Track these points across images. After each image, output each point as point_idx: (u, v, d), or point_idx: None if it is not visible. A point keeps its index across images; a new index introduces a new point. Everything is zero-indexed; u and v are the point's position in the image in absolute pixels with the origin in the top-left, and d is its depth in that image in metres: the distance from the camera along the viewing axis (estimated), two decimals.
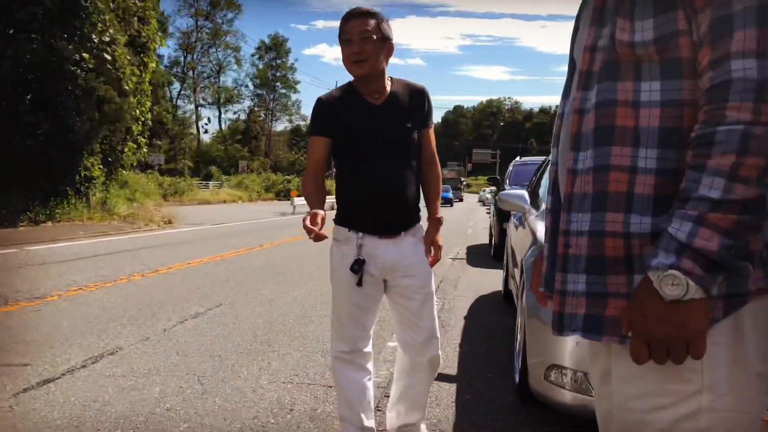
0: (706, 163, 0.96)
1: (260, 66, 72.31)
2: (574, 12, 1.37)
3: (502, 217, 8.66)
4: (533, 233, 3.64)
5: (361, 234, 2.34)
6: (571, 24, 1.38)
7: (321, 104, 2.40)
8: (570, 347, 2.67)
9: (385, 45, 2.31)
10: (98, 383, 3.49)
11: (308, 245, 11.19)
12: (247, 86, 75.53)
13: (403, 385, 2.57)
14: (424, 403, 2.60)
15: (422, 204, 2.51)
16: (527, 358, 3.01)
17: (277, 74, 72.62)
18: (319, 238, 2.09)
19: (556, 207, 1.31)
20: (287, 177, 45.88)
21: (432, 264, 2.49)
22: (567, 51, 1.39)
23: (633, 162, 1.08)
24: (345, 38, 2.28)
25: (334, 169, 2.49)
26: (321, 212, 2.14)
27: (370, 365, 2.52)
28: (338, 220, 2.42)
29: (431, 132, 2.54)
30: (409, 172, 2.39)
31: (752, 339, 1.05)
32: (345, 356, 2.45)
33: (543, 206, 4.01)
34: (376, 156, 2.32)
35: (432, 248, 2.51)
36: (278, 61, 72.47)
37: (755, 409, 1.06)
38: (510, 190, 4.66)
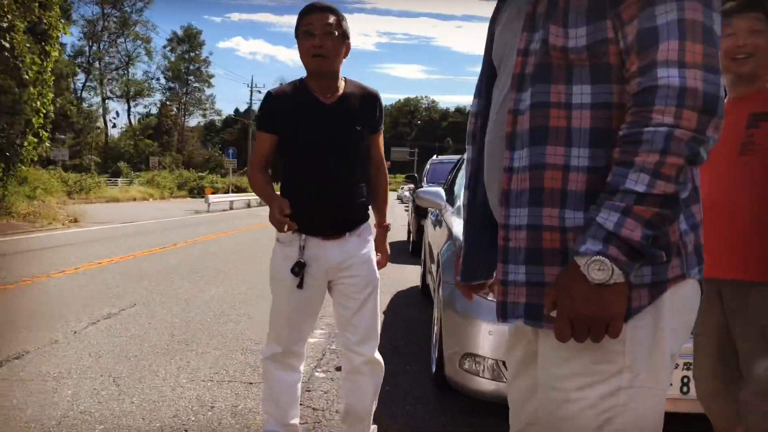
0: (633, 160, 1.04)
1: (172, 58, 70.00)
2: (489, 13, 1.44)
3: (419, 214, 8.86)
4: (449, 229, 3.78)
5: (303, 236, 2.30)
6: (486, 25, 1.44)
7: (270, 99, 2.35)
8: (483, 336, 2.81)
9: (344, 43, 2.28)
10: (2, 388, 3.35)
11: (224, 243, 11.00)
12: (158, 79, 72.86)
13: (346, 388, 2.52)
14: (367, 410, 2.53)
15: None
16: (443, 348, 3.14)
17: (191, 67, 70.57)
18: (293, 227, 2.12)
19: (475, 201, 1.43)
20: (201, 174, 44.70)
21: (381, 267, 2.51)
22: (481, 52, 1.46)
23: (566, 161, 1.14)
24: (305, 30, 2.22)
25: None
26: (284, 200, 2.14)
27: (301, 366, 2.52)
28: None
29: (380, 138, 2.51)
30: (356, 174, 2.36)
31: (669, 322, 1.16)
32: (278, 357, 2.43)
33: (458, 202, 4.17)
34: (323, 156, 2.28)
35: (380, 255, 2.52)
36: (191, 54, 70.42)
37: (666, 385, 1.18)
38: (427, 188, 4.81)
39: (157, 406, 3.14)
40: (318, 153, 2.28)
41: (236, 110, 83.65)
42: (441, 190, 4.61)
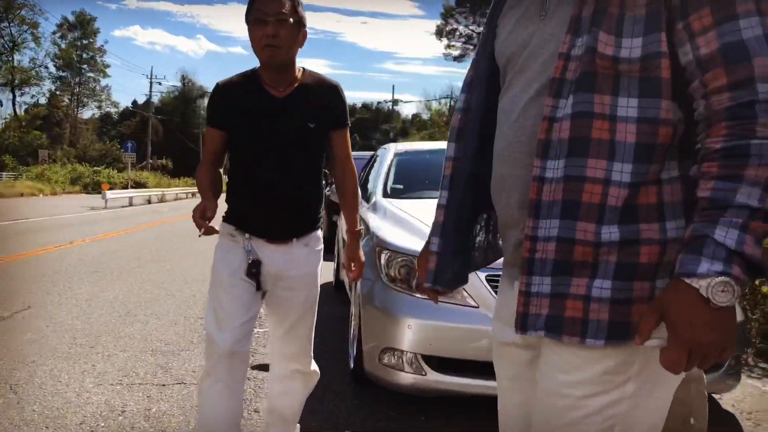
0: (742, 174, 0.99)
1: (63, 45, 65.94)
2: (395, 10, 1.41)
3: (331, 209, 8.84)
4: (366, 225, 3.81)
5: (248, 235, 2.15)
6: (392, 22, 1.42)
7: (218, 92, 2.20)
8: (403, 330, 2.86)
9: (300, 31, 2.11)
10: None
11: (125, 241, 10.51)
12: (47, 67, 68.44)
13: (276, 391, 2.43)
14: (295, 414, 2.49)
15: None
16: (362, 343, 3.17)
17: (84, 56, 66.77)
18: (209, 232, 1.94)
19: (455, 203, 1.36)
20: (97, 168, 42.46)
21: (354, 279, 2.39)
22: (387, 48, 1.42)
23: (607, 175, 1.10)
24: (257, 18, 2.04)
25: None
26: (212, 203, 1.98)
27: (243, 385, 2.27)
28: (226, 217, 2.23)
29: (346, 134, 2.31)
30: (308, 175, 2.19)
31: None
32: (220, 368, 2.12)
33: (374, 199, 4.22)
34: (272, 154, 2.12)
35: (353, 264, 2.38)
36: (84, 42, 66.60)
37: (669, 394, 1.21)
38: None
39: (62, 413, 2.98)
40: (265, 150, 2.13)
41: (134, 102, 79.93)
42: None
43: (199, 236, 1.97)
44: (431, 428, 2.91)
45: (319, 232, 2.31)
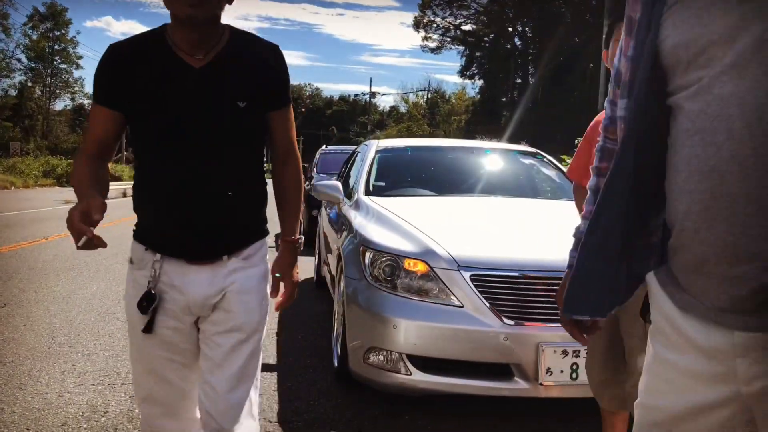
0: None
1: (34, 36, 64.60)
2: (372, 2, 1.25)
3: (310, 204, 8.82)
4: (349, 223, 3.81)
5: (159, 256, 1.65)
6: (368, 14, 1.28)
7: (111, 58, 1.62)
8: (388, 330, 2.87)
9: None
10: None
11: (104, 235, 10.33)
12: (18, 59, 66.98)
13: None
14: None
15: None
16: (347, 342, 3.18)
17: (56, 47, 65.51)
18: (91, 245, 1.37)
19: (609, 219, 1.14)
20: (71, 161, 41.76)
21: (280, 306, 1.81)
22: (364, 40, 1.29)
23: None
24: None
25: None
26: (97, 201, 1.42)
27: None
28: (135, 234, 1.72)
29: (288, 115, 1.77)
30: (241, 170, 1.67)
31: None
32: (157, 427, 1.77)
33: (356, 196, 4.21)
34: (186, 145, 1.58)
35: (281, 283, 1.80)
36: (57, 33, 65.33)
37: None
38: (324, 181, 4.81)
39: (43, 415, 2.94)
40: (179, 139, 1.59)
41: None
42: (338, 184, 4.62)
43: (78, 248, 1.40)
44: (416, 428, 2.93)
45: (265, 243, 1.79)
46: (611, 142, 1.29)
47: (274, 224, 1.72)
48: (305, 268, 7.42)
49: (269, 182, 1.74)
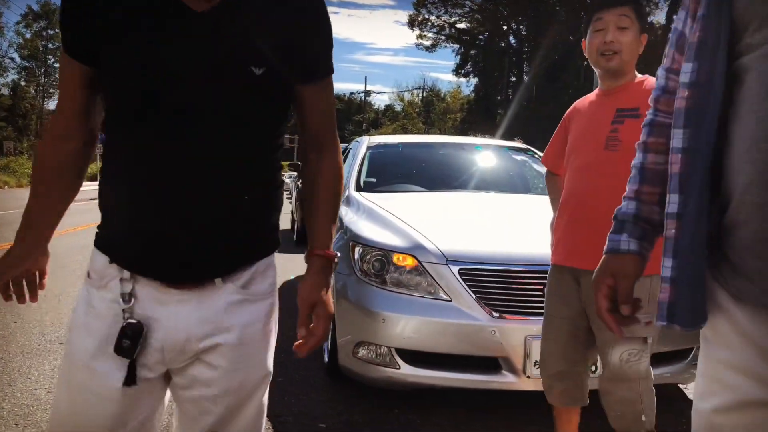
0: None
1: (28, 35, 64.32)
2: (366, 1, 1.10)
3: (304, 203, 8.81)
4: (340, 219, 3.82)
5: (127, 274, 1.18)
6: (363, 12, 1.18)
7: None
8: (377, 324, 2.88)
9: None
10: None
11: (93, 236, 10.31)
12: (12, 58, 66.67)
13: None
14: None
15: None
16: (336, 337, 3.19)
17: (50, 46, 65.23)
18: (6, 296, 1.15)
19: (691, 210, 1.00)
20: None
21: (307, 348, 1.26)
22: (358, 39, 1.13)
23: None
24: None
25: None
26: (25, 250, 1.25)
27: None
28: (98, 238, 1.26)
29: (328, 91, 1.29)
30: (245, 163, 1.19)
31: None
32: None
33: (347, 192, 4.22)
34: (175, 123, 1.13)
35: (312, 318, 1.27)
36: (51, 32, 65.06)
37: None
38: None
39: (32, 411, 2.94)
40: (166, 114, 1.13)
41: None
42: None
43: None
44: (405, 421, 2.94)
45: (273, 262, 1.33)
46: (663, 114, 1.17)
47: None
48: (299, 265, 7.39)
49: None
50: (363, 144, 4.87)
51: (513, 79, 41.32)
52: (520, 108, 33.17)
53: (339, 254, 1.38)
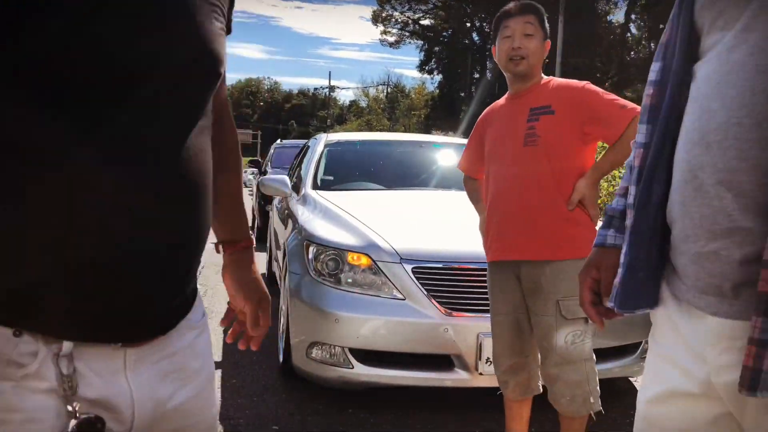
0: None
1: None
2: None
3: (264, 200, 8.75)
4: (295, 218, 3.79)
5: (68, 345, 0.81)
6: (327, 7, 1.16)
7: None
8: (330, 324, 2.86)
9: None
10: None
11: None
12: None
13: None
14: None
15: None
16: (290, 337, 3.16)
17: None
18: None
19: (649, 203, 1.03)
20: None
21: (260, 341, 1.22)
22: (323, 34, 1.08)
23: None
24: None
25: None
26: None
27: None
28: None
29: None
30: (200, 158, 0.91)
31: None
32: None
33: (304, 190, 4.19)
34: (119, 103, 0.81)
35: (246, 319, 1.17)
36: None
37: None
38: (271, 175, 4.78)
39: None
40: (98, 91, 0.79)
41: None
42: (286, 178, 4.59)
43: None
44: (359, 421, 2.93)
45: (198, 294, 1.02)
46: None
47: None
48: (258, 263, 7.34)
49: None
50: (321, 141, 4.84)
51: (476, 75, 41.68)
52: (482, 105, 33.38)
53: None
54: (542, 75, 2.34)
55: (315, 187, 4.22)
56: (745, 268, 0.87)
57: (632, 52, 35.78)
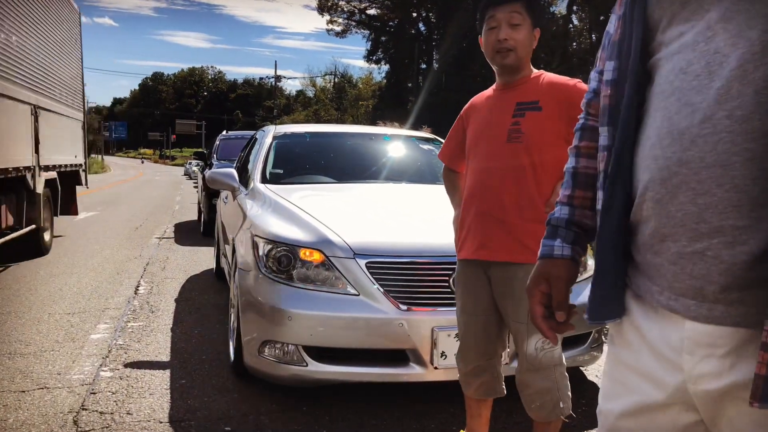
0: None
1: None
2: None
3: (211, 193, 8.55)
4: (243, 212, 3.69)
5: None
6: None
7: None
8: (283, 322, 2.80)
9: None
10: None
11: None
12: None
13: None
14: None
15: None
16: (241, 335, 3.08)
17: None
18: None
19: (616, 206, 1.00)
20: None
21: None
22: (267, 22, 1.04)
23: None
24: None
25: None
26: None
27: None
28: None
29: None
30: None
31: None
32: None
33: (252, 184, 4.09)
34: None
35: None
36: None
37: None
38: (218, 169, 4.63)
39: None
40: None
41: None
42: (233, 172, 4.47)
43: None
44: (314, 419, 2.89)
45: None
46: (593, 119, 1.17)
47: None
48: (205, 258, 7.18)
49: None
50: (269, 134, 4.73)
51: (423, 66, 41.80)
52: (429, 96, 33.60)
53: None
54: (532, 68, 2.23)
55: (264, 180, 4.13)
56: (735, 269, 0.82)
57: (574, 43, 36.56)
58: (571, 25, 36.75)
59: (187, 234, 9.89)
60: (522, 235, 2.10)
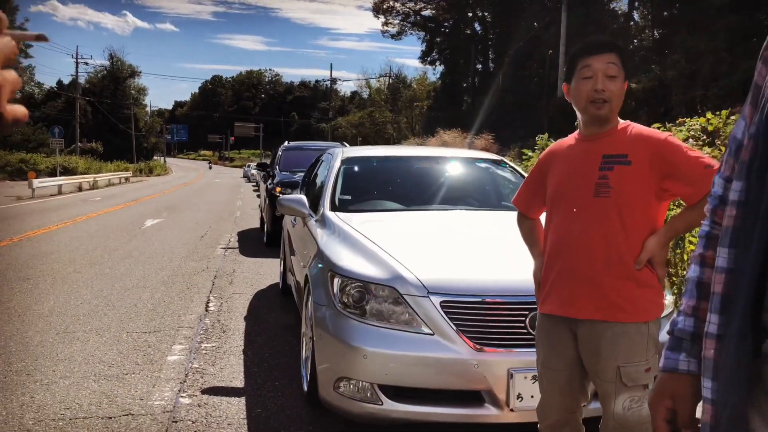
0: None
1: None
2: None
3: (275, 204, 8.70)
4: (316, 242, 3.75)
5: None
6: None
7: None
8: (359, 360, 2.83)
9: None
10: None
11: (57, 240, 10.02)
12: None
13: None
14: None
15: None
16: (317, 370, 3.13)
17: None
18: None
19: (737, 330, 0.95)
20: (23, 155, 40.30)
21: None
22: (322, 24, 0.99)
23: None
24: None
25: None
26: None
27: None
28: None
29: None
30: None
31: None
32: None
33: (321, 210, 4.14)
34: None
35: None
36: None
37: None
38: (288, 195, 4.72)
39: None
40: None
41: (59, 83, 76.67)
42: (303, 198, 4.54)
43: None
44: None
45: None
46: (718, 228, 1.09)
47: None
48: (270, 272, 7.32)
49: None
50: (337, 158, 4.78)
51: (479, 66, 41.43)
52: (485, 97, 33.26)
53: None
54: (618, 119, 2.17)
55: (333, 208, 4.18)
56: None
57: (635, 41, 35.54)
58: (632, 22, 35.74)
59: (251, 244, 10.09)
60: (611, 293, 2.05)
